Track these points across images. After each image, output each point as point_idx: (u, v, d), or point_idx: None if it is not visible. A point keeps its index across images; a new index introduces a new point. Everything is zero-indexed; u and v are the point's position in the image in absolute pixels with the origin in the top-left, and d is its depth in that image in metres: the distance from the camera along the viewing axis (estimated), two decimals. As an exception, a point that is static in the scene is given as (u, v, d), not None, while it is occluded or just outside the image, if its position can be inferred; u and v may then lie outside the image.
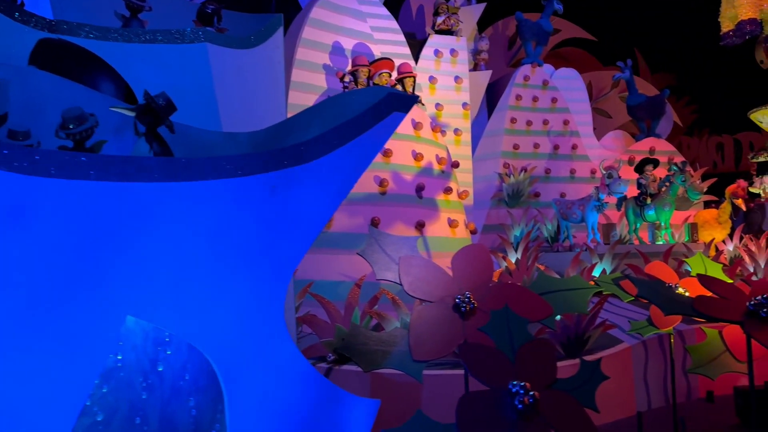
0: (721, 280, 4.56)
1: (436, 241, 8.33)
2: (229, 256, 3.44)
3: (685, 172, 10.54)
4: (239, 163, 3.59)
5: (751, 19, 8.81)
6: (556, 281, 5.91)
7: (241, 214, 3.53)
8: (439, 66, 11.01)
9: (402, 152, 8.44)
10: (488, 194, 12.30)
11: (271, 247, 3.73)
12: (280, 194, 3.80)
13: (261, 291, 3.66)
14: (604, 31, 20.60)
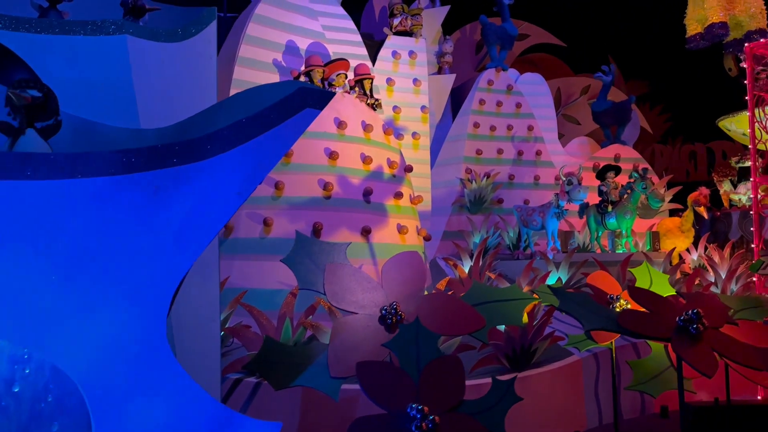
0: (652, 293, 4.28)
1: (383, 247, 7.99)
2: (95, 263, 3.09)
3: (646, 179, 10.32)
4: (111, 160, 3.25)
5: (722, 22, 8.62)
6: (492, 291, 5.60)
7: (111, 217, 3.19)
8: (397, 68, 10.71)
9: (349, 155, 8.12)
10: (449, 200, 12.01)
11: (151, 253, 3.38)
12: (164, 195, 3.47)
13: (136, 302, 3.31)
14: (576, 37, 20.52)
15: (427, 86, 10.91)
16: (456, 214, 11.91)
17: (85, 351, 3.05)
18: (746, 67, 7.53)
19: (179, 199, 3.51)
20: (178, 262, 3.56)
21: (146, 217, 3.37)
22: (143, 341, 3.28)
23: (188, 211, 3.56)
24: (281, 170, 7.67)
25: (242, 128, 3.75)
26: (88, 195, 3.19)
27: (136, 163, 3.38)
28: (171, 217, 3.47)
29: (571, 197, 10.19)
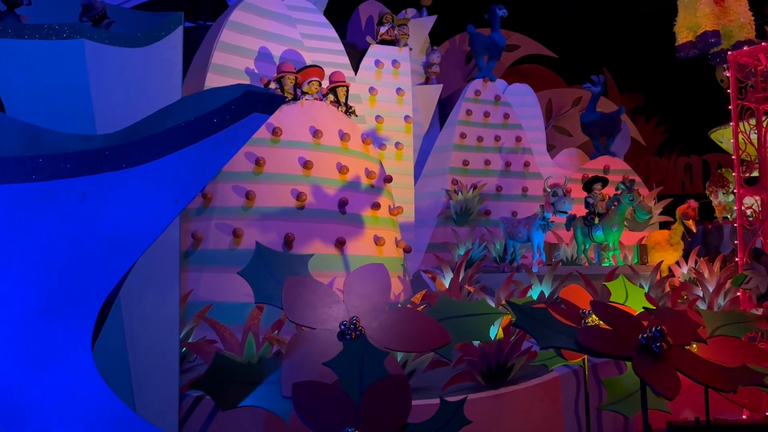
0: (616, 308, 4.05)
1: (358, 259, 7.76)
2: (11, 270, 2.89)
3: (633, 191, 10.11)
4: (34, 166, 3.06)
5: (715, 31, 8.43)
6: (458, 306, 5.37)
7: (31, 224, 2.99)
8: (380, 77, 10.54)
9: (325, 164, 7.92)
10: (435, 212, 11.80)
11: (77, 262, 3.18)
12: (92, 202, 3.27)
13: (58, 315, 3.10)
14: (569, 49, 20.40)
15: (411, 96, 10.74)
16: (441, 225, 11.70)
17: None
18: (729, 75, 7.34)
19: (109, 207, 3.32)
20: (108, 271, 3.36)
21: (71, 225, 3.17)
22: (61, 351, 3.06)
23: (119, 220, 3.36)
24: (253, 180, 7.48)
25: (180, 133, 3.56)
26: (6, 201, 2.99)
27: (62, 169, 3.19)
28: (99, 225, 3.27)
29: (556, 209, 9.97)
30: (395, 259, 8.48)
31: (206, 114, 3.67)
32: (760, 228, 7.02)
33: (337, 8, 13.13)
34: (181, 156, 3.55)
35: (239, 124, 3.86)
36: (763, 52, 7.07)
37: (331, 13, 13.18)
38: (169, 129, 3.53)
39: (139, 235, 3.46)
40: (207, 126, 3.66)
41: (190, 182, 3.64)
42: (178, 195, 3.59)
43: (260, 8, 8.73)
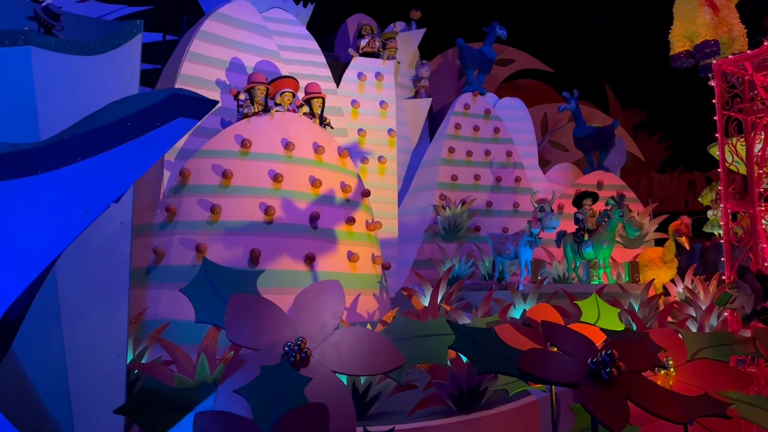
0: (567, 329, 3.70)
1: (329, 276, 7.43)
2: None
3: (623, 206, 9.74)
4: None
5: (715, 40, 8.10)
6: (416, 326, 5.02)
7: None
8: (363, 90, 10.29)
9: (296, 177, 7.63)
10: (423, 227, 11.49)
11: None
12: (-14, 213, 3.00)
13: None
14: (570, 64, 20.15)
15: (395, 109, 10.49)
16: (429, 242, 11.37)
17: None
18: (714, 85, 7.02)
19: (7, 217, 3.06)
20: (4, 287, 3.08)
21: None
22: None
23: (18, 231, 3.10)
24: (219, 193, 7.20)
25: (91, 138, 3.30)
26: None
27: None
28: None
29: (543, 225, 9.63)
30: (371, 276, 8.15)
31: (122, 119, 3.40)
32: (749, 245, 6.64)
33: (329, 21, 13.00)
34: (92, 163, 3.28)
35: (162, 129, 3.57)
36: (750, 61, 6.75)
37: (319, 26, 13.04)
38: (79, 134, 3.27)
39: (42, 248, 3.19)
40: (122, 131, 3.38)
41: (103, 191, 3.36)
42: (89, 205, 3.31)
43: (234, 18, 8.53)
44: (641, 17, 22.13)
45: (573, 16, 20.83)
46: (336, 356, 4.45)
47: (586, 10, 20.26)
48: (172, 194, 7.24)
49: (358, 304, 7.63)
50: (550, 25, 20.68)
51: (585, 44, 21.95)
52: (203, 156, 7.35)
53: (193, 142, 7.56)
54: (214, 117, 7.92)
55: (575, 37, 21.54)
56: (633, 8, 20.86)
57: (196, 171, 7.27)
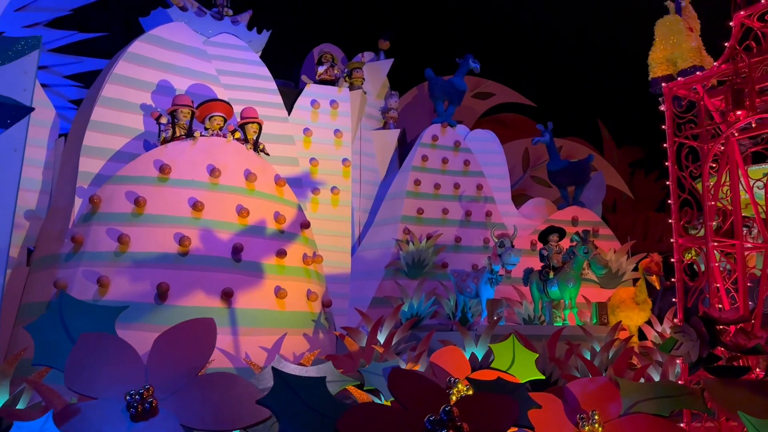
0: (423, 377, 3.00)
1: (249, 314, 6.74)
2: None
3: (587, 242, 8.98)
4: None
5: (701, 66, 7.44)
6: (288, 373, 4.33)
7: None
8: (317, 118, 9.74)
9: (221, 206, 7.01)
10: (384, 263, 10.78)
11: None
12: None
13: None
14: (563, 100, 19.63)
15: (350, 138, 9.91)
16: (390, 278, 10.61)
17: None
18: (665, 110, 6.35)
19: None
20: None
21: None
22: None
23: None
24: (129, 222, 6.59)
25: None
26: None
27: None
28: None
29: (503, 261, 8.92)
30: (304, 314, 7.42)
31: None
32: (701, 285, 5.87)
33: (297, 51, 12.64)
34: None
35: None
36: (701, 83, 6.10)
37: (286, 56, 12.65)
38: None
39: None
40: None
41: None
42: None
43: (167, 40, 8.04)
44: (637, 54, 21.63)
45: (566, 53, 20.39)
46: (191, 407, 3.77)
47: (579, 46, 19.82)
48: (81, 223, 6.65)
49: (283, 345, 6.90)
50: (541, 60, 20.25)
51: (579, 81, 21.46)
52: (117, 182, 6.77)
53: (111, 167, 7.01)
54: (137, 141, 7.37)
55: (569, 74, 21.06)
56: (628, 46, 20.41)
57: (109, 198, 6.68)
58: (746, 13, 5.70)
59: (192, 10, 9.12)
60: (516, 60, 18.09)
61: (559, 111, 18.38)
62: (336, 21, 13.81)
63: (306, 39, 12.44)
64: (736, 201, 5.80)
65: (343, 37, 12.64)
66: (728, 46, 5.83)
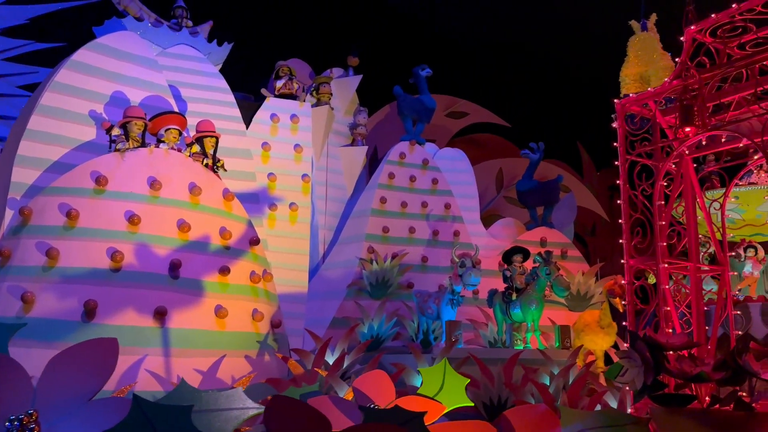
0: (308, 407, 2.70)
1: (184, 335, 6.39)
2: None
3: (549, 263, 8.72)
4: None
5: None
6: (204, 396, 4.01)
7: None
8: (276, 132, 9.47)
9: (160, 220, 6.69)
10: (347, 282, 10.46)
11: None
12: None
13: None
14: (543, 123, 19.52)
15: (311, 153, 9.65)
16: (352, 298, 10.28)
17: None
18: (617, 127, 6.15)
19: None
20: None
21: None
22: None
23: None
24: (60, 235, 6.25)
25: None
26: None
27: None
28: None
29: (464, 281, 8.66)
30: (247, 335, 7.06)
31: None
32: (652, 307, 5.59)
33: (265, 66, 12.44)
34: None
35: None
36: (653, 99, 5.90)
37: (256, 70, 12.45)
38: None
39: None
40: None
41: None
42: None
43: (114, 49, 7.74)
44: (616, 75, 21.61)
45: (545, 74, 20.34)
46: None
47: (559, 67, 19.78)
48: (10, 236, 6.31)
49: (222, 367, 6.54)
50: (519, 81, 20.19)
51: (558, 103, 21.41)
52: (50, 194, 6.45)
53: (47, 178, 6.71)
54: (78, 152, 7.08)
55: (548, 96, 21.01)
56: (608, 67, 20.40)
57: (40, 210, 6.36)
58: (697, 28, 5.53)
59: (148, 21, 8.90)
60: (492, 80, 18.00)
61: (538, 133, 18.26)
62: (305, 36, 13.67)
63: (274, 53, 12.24)
64: (691, 222, 5.56)
65: (312, 52, 12.49)
66: (679, 62, 5.64)
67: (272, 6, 13.61)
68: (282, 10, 13.76)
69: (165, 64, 8.48)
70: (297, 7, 13.88)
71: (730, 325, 5.62)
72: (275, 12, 13.71)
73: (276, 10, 13.71)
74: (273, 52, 12.35)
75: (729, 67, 5.15)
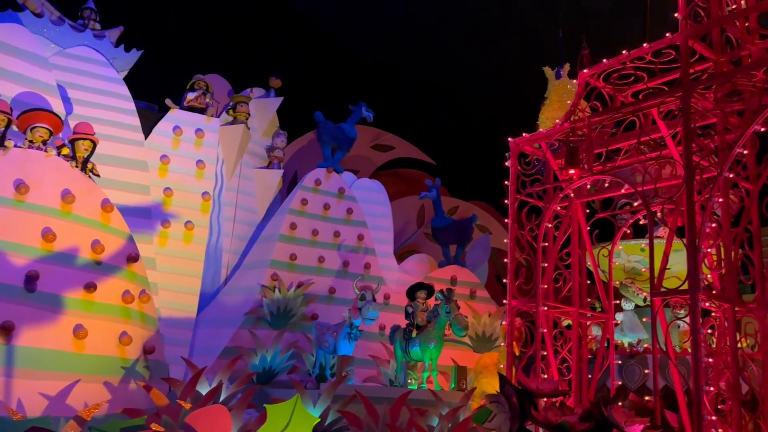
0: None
1: (32, 354, 5.71)
2: None
3: (451, 301, 8.53)
4: None
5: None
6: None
7: None
8: (178, 145, 8.99)
9: (21, 226, 6.09)
10: (245, 309, 9.93)
11: None
12: None
13: None
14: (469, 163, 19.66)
15: (214, 170, 9.22)
16: (248, 326, 9.76)
17: None
18: (510, 165, 6.08)
19: None
20: None
21: None
22: None
23: None
24: None
25: None
26: None
27: None
28: None
29: (362, 315, 8.33)
30: (111, 359, 6.44)
31: None
32: (531, 351, 5.42)
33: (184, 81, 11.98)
34: None
35: None
36: (545, 140, 5.87)
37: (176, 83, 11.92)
38: None
39: None
40: None
41: None
42: None
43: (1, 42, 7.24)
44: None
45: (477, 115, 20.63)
46: None
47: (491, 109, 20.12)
48: None
49: (75, 393, 5.90)
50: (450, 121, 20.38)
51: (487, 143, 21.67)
52: None
53: None
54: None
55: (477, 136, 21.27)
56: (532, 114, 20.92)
57: None
58: (590, 72, 5.55)
59: (49, 17, 8.37)
60: (421, 117, 18.10)
61: (463, 172, 18.41)
62: (229, 53, 13.34)
63: (193, 67, 11.83)
64: (576, 266, 5.46)
65: (234, 71, 12.15)
66: (571, 104, 5.63)
67: (198, 20, 13.26)
68: (208, 25, 13.43)
69: (59, 64, 7.94)
70: (223, 24, 13.58)
71: (610, 375, 5.49)
72: (201, 26, 13.36)
73: (202, 24, 13.37)
74: (193, 66, 11.92)
75: (617, 113, 5.13)
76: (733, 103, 5.10)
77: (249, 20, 13.61)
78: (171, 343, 7.80)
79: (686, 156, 4.70)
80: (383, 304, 10.91)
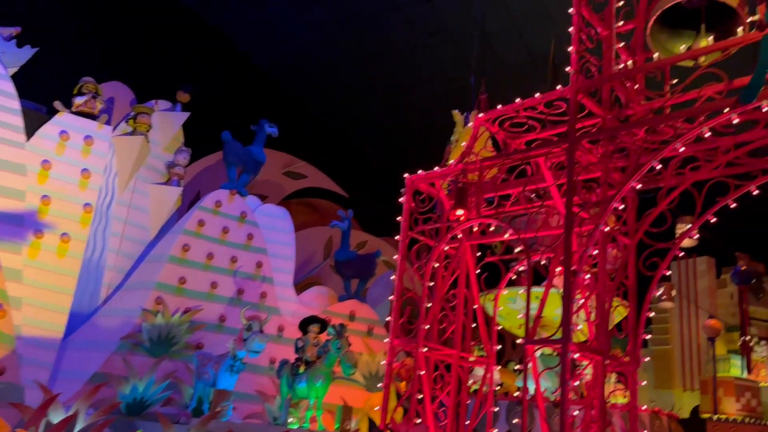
0: None
1: None
2: None
3: (342, 337, 8.30)
4: None
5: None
6: None
7: None
8: (62, 151, 8.36)
9: None
10: (121, 334, 9.24)
11: None
12: None
13: None
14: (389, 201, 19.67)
15: (100, 181, 8.63)
16: (124, 352, 9.07)
17: None
18: (404, 202, 6.04)
19: None
20: None
21: None
22: None
23: None
24: None
25: None
26: None
27: None
28: None
29: (247, 347, 7.93)
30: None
31: None
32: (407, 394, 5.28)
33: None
34: None
35: None
36: (440, 179, 5.89)
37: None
38: None
39: None
40: None
41: None
42: None
43: None
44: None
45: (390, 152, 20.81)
46: None
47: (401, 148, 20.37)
48: None
49: None
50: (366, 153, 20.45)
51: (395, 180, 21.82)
52: None
53: None
54: None
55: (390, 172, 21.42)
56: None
57: None
58: (485, 117, 5.63)
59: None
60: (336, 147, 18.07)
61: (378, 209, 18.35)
62: (136, 62, 12.80)
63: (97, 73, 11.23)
64: (461, 308, 5.41)
65: (140, 80, 11.63)
66: (465, 146, 5.68)
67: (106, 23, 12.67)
68: (117, 30, 12.85)
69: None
70: (134, 31, 13.04)
71: (487, 421, 5.42)
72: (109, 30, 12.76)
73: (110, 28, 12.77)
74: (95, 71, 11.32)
75: (507, 158, 5.21)
76: (616, 160, 5.30)
77: (162, 30, 13.15)
78: (30, 364, 7.08)
79: (567, 207, 4.81)
80: (276, 336, 10.53)
